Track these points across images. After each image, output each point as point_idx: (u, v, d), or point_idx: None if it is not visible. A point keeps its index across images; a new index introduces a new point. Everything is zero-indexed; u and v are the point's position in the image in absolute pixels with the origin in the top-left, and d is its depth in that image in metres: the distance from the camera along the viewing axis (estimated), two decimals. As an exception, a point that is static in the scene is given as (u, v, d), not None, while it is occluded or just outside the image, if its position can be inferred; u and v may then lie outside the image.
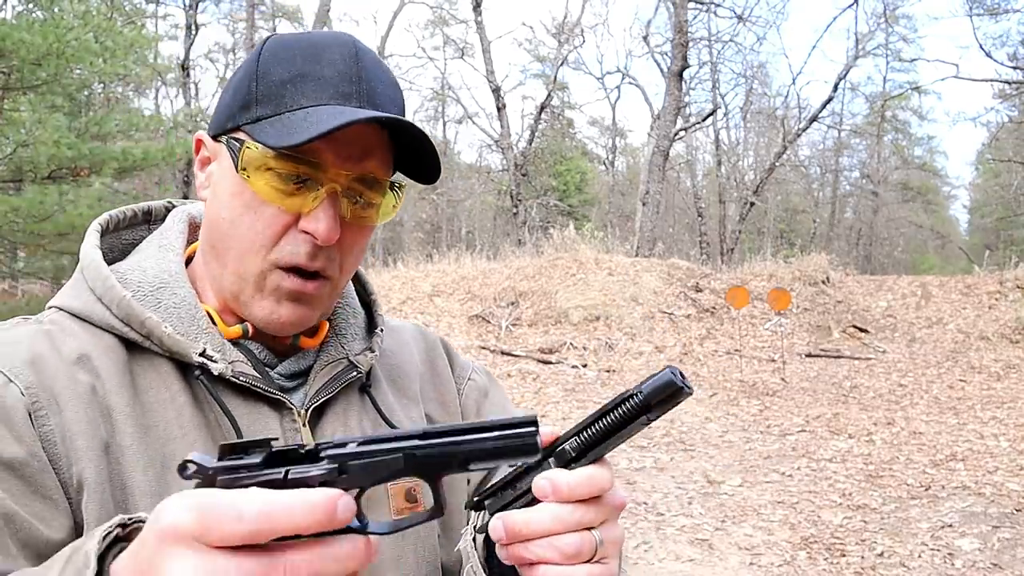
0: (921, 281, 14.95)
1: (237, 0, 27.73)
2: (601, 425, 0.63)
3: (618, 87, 37.78)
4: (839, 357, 11.97)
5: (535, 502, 0.64)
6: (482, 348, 11.80)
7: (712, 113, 25.68)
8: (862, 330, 13.15)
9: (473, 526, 0.79)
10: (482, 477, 0.97)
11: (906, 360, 11.75)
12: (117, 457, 0.75)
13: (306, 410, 0.85)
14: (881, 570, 4.56)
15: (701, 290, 13.83)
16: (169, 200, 0.98)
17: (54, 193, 9.40)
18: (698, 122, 25.46)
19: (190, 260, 0.91)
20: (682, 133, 23.21)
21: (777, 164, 24.74)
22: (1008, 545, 4.85)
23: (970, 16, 21.76)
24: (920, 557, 4.72)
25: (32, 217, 9.28)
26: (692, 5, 20.27)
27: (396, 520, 0.55)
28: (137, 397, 0.78)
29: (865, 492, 5.92)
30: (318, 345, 0.91)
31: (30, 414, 0.72)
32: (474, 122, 28.44)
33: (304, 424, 0.85)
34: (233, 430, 0.79)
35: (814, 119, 24.08)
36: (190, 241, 0.92)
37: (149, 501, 0.74)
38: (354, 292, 1.00)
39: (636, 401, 0.61)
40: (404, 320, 1.10)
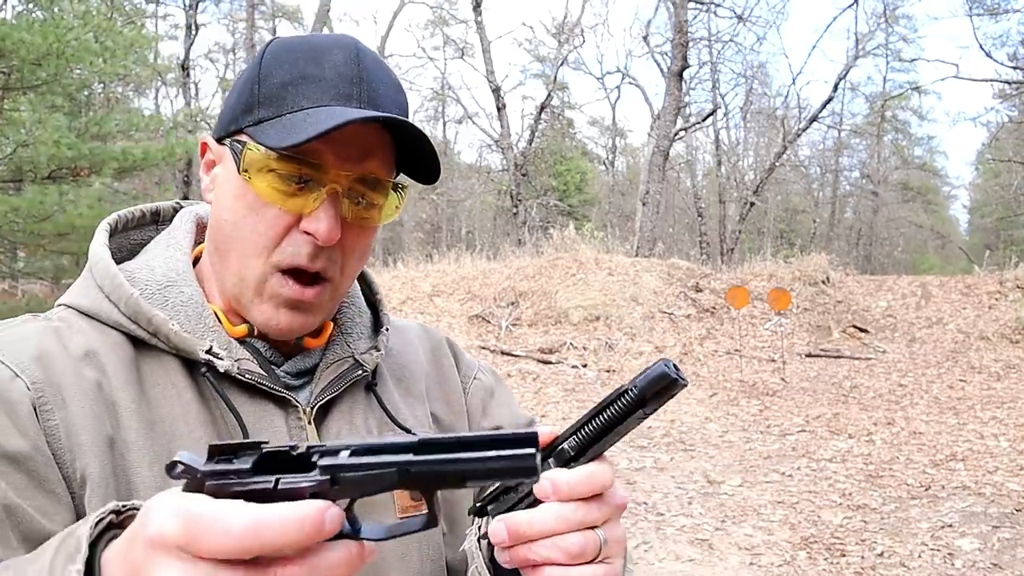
0: (921, 281, 14.95)
1: (237, 0, 27.77)
2: (598, 422, 0.63)
3: (618, 87, 37.74)
4: (839, 357, 11.97)
5: (537, 504, 0.64)
6: (482, 348, 11.80)
7: (712, 113, 25.69)
8: (862, 330, 13.15)
9: (477, 527, 0.79)
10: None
11: (906, 360, 11.75)
12: (122, 452, 0.75)
13: (311, 408, 0.85)
14: (881, 570, 4.56)
15: (701, 290, 13.83)
16: (177, 201, 0.98)
17: (54, 193, 9.39)
18: (698, 122, 25.46)
19: (198, 260, 0.91)
20: (682, 133, 23.21)
21: (777, 164, 24.74)
22: (1008, 545, 4.85)
23: (970, 16, 21.80)
24: (920, 557, 4.72)
25: (32, 217, 9.27)
26: (692, 5, 20.27)
27: (390, 526, 0.54)
28: (143, 393, 0.79)
29: (865, 492, 5.92)
30: (322, 345, 0.91)
31: (35, 408, 0.73)
32: (474, 122, 28.49)
33: (310, 422, 0.85)
34: (239, 427, 0.79)
35: (814, 119, 24.09)
36: (198, 241, 0.93)
37: (154, 496, 0.74)
38: (360, 291, 1.01)
39: (631, 396, 0.61)
40: (410, 320, 1.10)
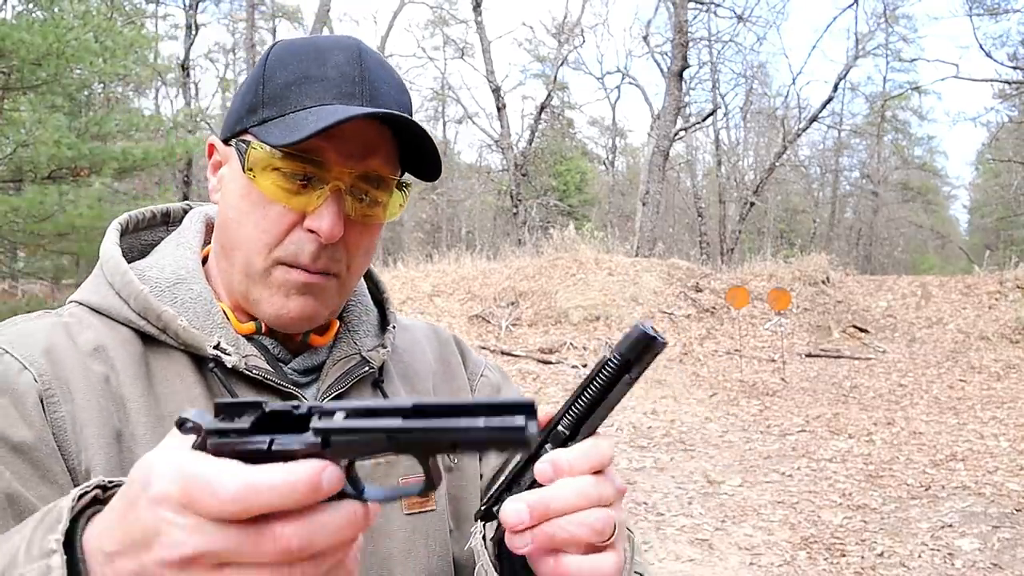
0: (921, 281, 14.95)
1: (237, 0, 27.76)
2: (587, 397, 0.62)
3: (618, 87, 37.80)
4: (839, 357, 11.97)
5: None
6: (482, 348, 11.79)
7: (712, 113, 25.68)
8: (862, 330, 13.15)
9: (483, 524, 0.78)
10: (494, 473, 0.98)
11: (906, 360, 11.75)
12: (130, 446, 0.76)
13: None
14: (881, 570, 4.56)
15: (701, 290, 13.83)
16: (188, 202, 1.01)
17: (54, 193, 9.39)
18: (698, 122, 25.46)
19: (207, 260, 0.93)
20: (682, 133, 23.21)
21: (777, 164, 24.74)
22: (1008, 545, 4.85)
23: (970, 16, 21.80)
24: (920, 557, 4.72)
25: (32, 217, 9.28)
26: (692, 5, 20.27)
27: (391, 489, 0.54)
28: (151, 388, 0.80)
29: (865, 492, 5.92)
30: (329, 342, 0.92)
31: (42, 401, 0.74)
32: (474, 122, 28.50)
33: None
34: None
35: (814, 119, 24.08)
36: (207, 242, 0.94)
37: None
38: (366, 290, 1.01)
39: (615, 363, 0.61)
40: (416, 319, 1.11)
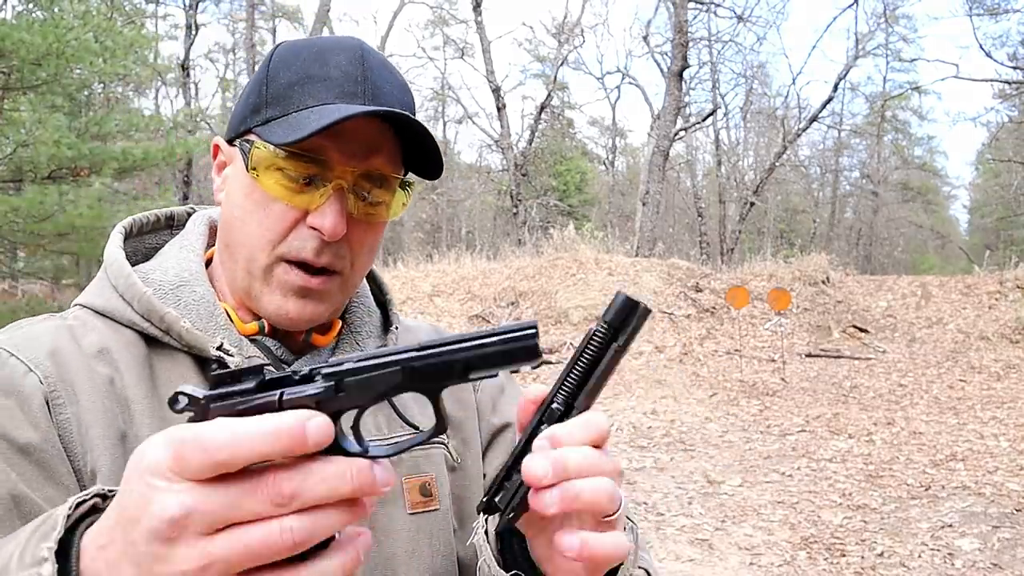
0: (921, 281, 14.95)
1: (237, 0, 27.77)
2: (579, 370, 0.62)
3: (618, 87, 37.73)
4: (839, 357, 11.97)
5: None
6: (482, 348, 11.79)
7: (712, 113, 25.69)
8: (862, 330, 13.15)
9: (484, 519, 0.78)
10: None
11: (906, 360, 11.75)
12: (134, 447, 0.75)
13: None
14: (881, 570, 4.56)
15: (701, 290, 13.83)
16: (191, 206, 1.02)
17: (54, 193, 9.40)
18: (698, 122, 25.46)
19: (210, 263, 0.94)
20: (682, 133, 23.21)
21: (777, 164, 24.74)
22: (1008, 545, 4.85)
23: (970, 16, 21.80)
24: (920, 557, 4.72)
25: (32, 217, 9.28)
26: (692, 5, 20.27)
27: (396, 443, 0.55)
28: (155, 390, 0.81)
29: (865, 492, 5.92)
30: (331, 343, 0.92)
31: (47, 402, 0.75)
32: (474, 122, 28.51)
33: None
34: None
35: (814, 119, 24.08)
36: (211, 244, 0.95)
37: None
38: (369, 292, 1.02)
39: (603, 332, 0.60)
40: (420, 320, 1.11)
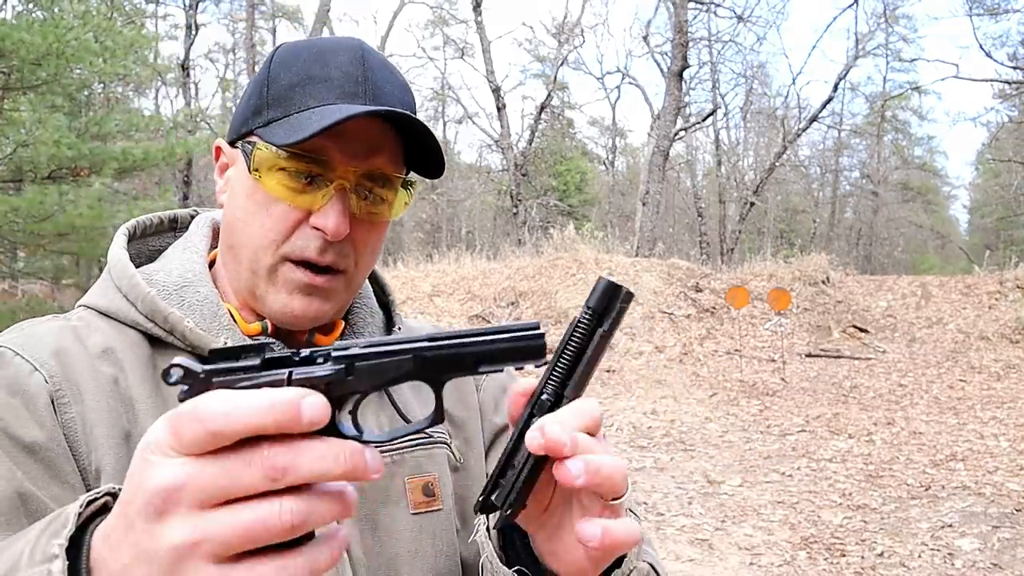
0: (921, 281, 14.95)
1: (237, 0, 27.76)
2: (566, 359, 0.62)
3: (618, 87, 37.76)
4: (839, 357, 11.97)
5: (537, 473, 0.61)
6: (482, 348, 11.80)
7: (712, 113, 25.69)
8: (862, 330, 13.15)
9: (485, 516, 0.77)
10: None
11: (906, 360, 11.75)
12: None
13: None
14: (881, 570, 4.56)
15: (701, 290, 13.82)
16: (195, 208, 1.03)
17: (54, 193, 9.40)
18: (698, 122, 25.46)
19: (214, 264, 0.94)
20: (682, 133, 23.21)
21: (777, 164, 24.73)
22: (1008, 545, 4.85)
23: (970, 16, 21.80)
24: (920, 557, 4.72)
25: (32, 217, 9.28)
26: (692, 5, 20.27)
27: (393, 429, 0.56)
28: (159, 389, 0.81)
29: (865, 492, 5.92)
30: (334, 343, 0.91)
31: (53, 402, 0.75)
32: (474, 122, 28.50)
33: None
34: None
35: (814, 119, 24.08)
36: (214, 246, 0.95)
37: None
38: (372, 292, 1.02)
39: (587, 318, 0.61)
40: (422, 320, 1.11)
